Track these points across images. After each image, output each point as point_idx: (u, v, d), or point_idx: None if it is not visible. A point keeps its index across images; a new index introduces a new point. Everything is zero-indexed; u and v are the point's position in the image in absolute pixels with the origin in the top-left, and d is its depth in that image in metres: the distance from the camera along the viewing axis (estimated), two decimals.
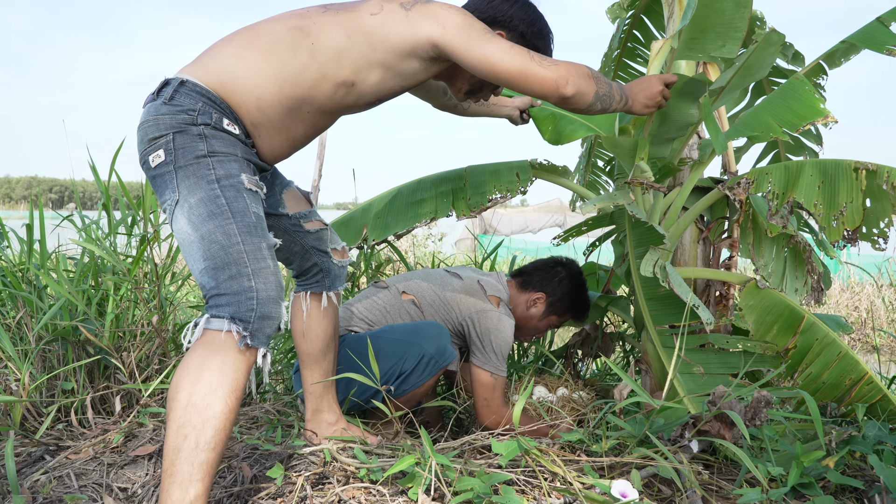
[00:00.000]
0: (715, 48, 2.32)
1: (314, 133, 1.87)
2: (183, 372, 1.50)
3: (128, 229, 2.67)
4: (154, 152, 1.63)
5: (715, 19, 2.26)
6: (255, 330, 1.55)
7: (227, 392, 1.49)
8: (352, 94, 1.79)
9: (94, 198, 6.73)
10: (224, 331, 1.53)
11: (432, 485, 1.55)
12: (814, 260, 2.76)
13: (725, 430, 1.76)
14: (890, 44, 2.50)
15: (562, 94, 1.82)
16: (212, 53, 1.74)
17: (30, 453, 1.97)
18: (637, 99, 2.06)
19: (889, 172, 2.20)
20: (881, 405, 2.30)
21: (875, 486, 1.65)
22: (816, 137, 3.17)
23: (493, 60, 1.75)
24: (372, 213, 2.89)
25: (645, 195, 2.68)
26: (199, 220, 1.58)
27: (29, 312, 2.44)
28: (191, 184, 1.60)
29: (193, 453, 1.44)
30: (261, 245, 1.60)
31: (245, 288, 1.56)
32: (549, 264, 2.80)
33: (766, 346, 2.47)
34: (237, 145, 1.68)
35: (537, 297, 2.71)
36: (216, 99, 1.67)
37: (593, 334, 3.18)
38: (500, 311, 2.51)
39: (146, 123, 1.66)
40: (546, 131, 2.95)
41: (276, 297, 1.59)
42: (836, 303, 7.95)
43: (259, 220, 1.63)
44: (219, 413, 1.47)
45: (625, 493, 1.49)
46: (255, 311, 1.56)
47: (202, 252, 1.57)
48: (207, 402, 1.47)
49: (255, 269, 1.58)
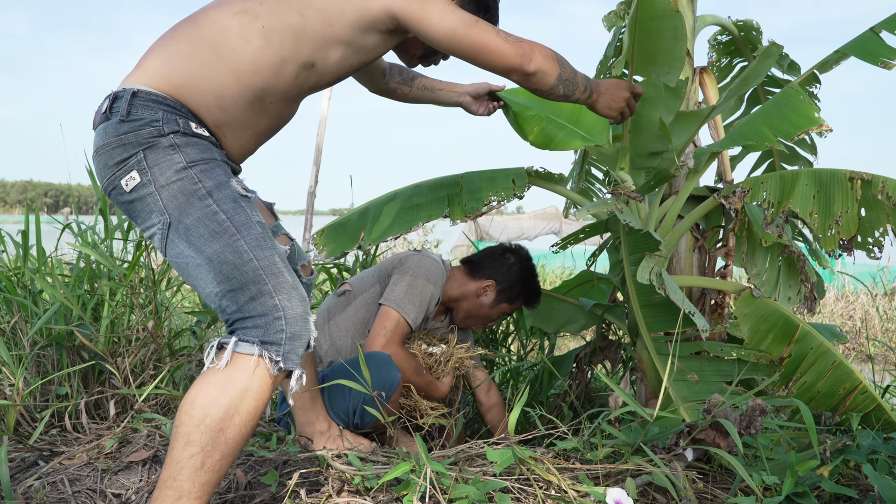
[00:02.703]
0: (662, 73, 2.39)
1: (278, 125, 1.75)
2: (202, 387, 1.42)
3: (124, 234, 2.67)
4: (125, 176, 1.49)
5: (657, 45, 2.34)
6: (287, 352, 1.45)
7: (243, 420, 1.41)
8: (312, 75, 1.68)
9: (90, 202, 6.71)
10: (255, 356, 1.43)
11: (427, 492, 1.55)
12: (807, 269, 2.77)
13: (720, 439, 1.76)
14: (884, 56, 2.51)
15: (524, 70, 1.75)
16: (155, 55, 1.60)
17: (23, 459, 1.96)
18: (602, 97, 2.01)
19: (884, 183, 2.21)
20: (875, 414, 2.30)
21: (869, 495, 1.65)
22: (811, 147, 3.18)
23: (459, 34, 1.68)
24: (369, 217, 2.89)
25: (640, 203, 2.68)
26: (202, 241, 1.46)
27: (24, 317, 2.43)
28: (180, 203, 1.47)
29: (197, 473, 1.38)
30: (274, 258, 1.48)
31: (270, 308, 1.45)
32: (498, 251, 2.80)
33: (760, 354, 2.48)
34: (212, 149, 1.56)
35: (487, 284, 2.70)
36: (175, 104, 1.54)
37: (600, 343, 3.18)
38: (422, 254, 2.52)
39: (107, 146, 1.51)
40: (531, 132, 2.82)
41: (302, 313, 1.48)
42: (830, 312, 7.97)
43: (264, 230, 1.52)
44: (230, 440, 1.40)
45: (619, 500, 1.49)
46: (285, 331, 1.45)
47: (213, 275, 1.46)
48: (222, 427, 1.39)
49: (276, 285, 1.46)
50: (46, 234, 2.64)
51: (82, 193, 10.04)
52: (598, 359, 3.20)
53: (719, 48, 3.37)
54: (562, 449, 1.88)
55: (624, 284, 2.75)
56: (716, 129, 3.01)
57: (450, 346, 2.62)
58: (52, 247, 2.81)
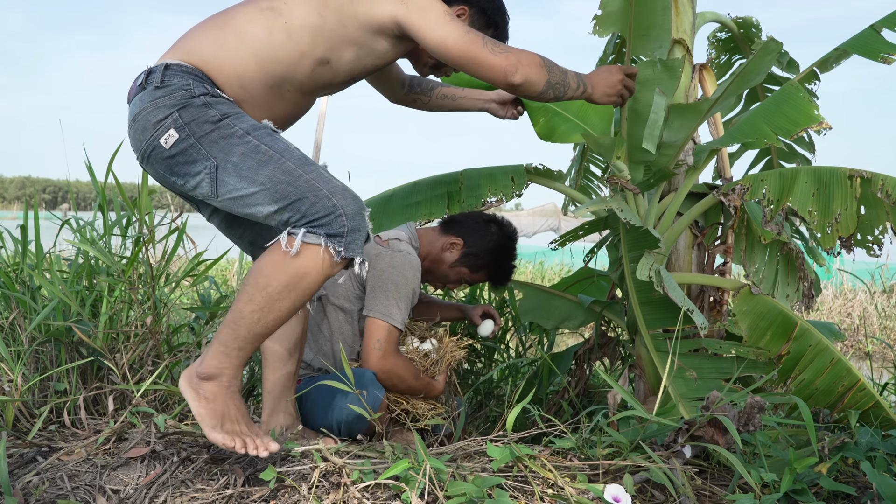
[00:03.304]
0: (654, 48, 2.41)
1: (295, 114, 1.92)
2: (270, 261, 1.63)
3: (122, 230, 2.67)
4: (164, 134, 1.67)
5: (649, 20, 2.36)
6: (349, 242, 1.64)
7: (298, 295, 1.64)
8: (327, 71, 1.84)
9: (88, 199, 6.72)
10: (322, 247, 1.62)
11: (426, 488, 1.55)
12: (806, 267, 2.77)
13: (718, 436, 1.76)
14: (883, 51, 2.51)
15: (510, 82, 1.86)
16: (188, 38, 1.79)
17: (22, 454, 1.96)
18: (597, 87, 2.06)
19: (884, 181, 2.22)
20: (874, 412, 2.31)
21: (867, 492, 1.65)
22: (809, 144, 3.18)
23: (448, 43, 1.79)
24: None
25: (638, 197, 2.68)
26: (252, 171, 1.64)
27: (22, 313, 2.43)
28: (223, 146, 1.65)
29: (252, 326, 1.64)
30: (320, 170, 1.67)
31: (330, 207, 1.62)
32: (485, 218, 2.72)
33: (759, 352, 2.48)
34: (238, 107, 1.74)
35: (455, 241, 2.63)
36: (202, 75, 1.72)
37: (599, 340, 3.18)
38: (391, 250, 2.42)
39: (144, 111, 1.69)
40: (537, 122, 2.97)
41: (358, 209, 1.66)
42: (828, 309, 7.97)
43: (302, 153, 1.70)
44: (284, 308, 1.64)
45: (617, 497, 1.49)
46: (346, 225, 1.63)
47: (270, 197, 1.64)
48: (280, 297, 1.62)
49: (330, 189, 1.64)
50: (45, 230, 2.63)
51: (81, 190, 10.08)
52: (598, 356, 3.20)
53: (719, 45, 3.37)
54: (560, 447, 1.88)
55: (623, 281, 2.75)
56: (715, 127, 3.01)
57: (443, 344, 2.59)
58: (51, 243, 2.80)
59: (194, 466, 1.82)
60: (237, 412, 1.69)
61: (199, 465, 1.82)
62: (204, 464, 1.84)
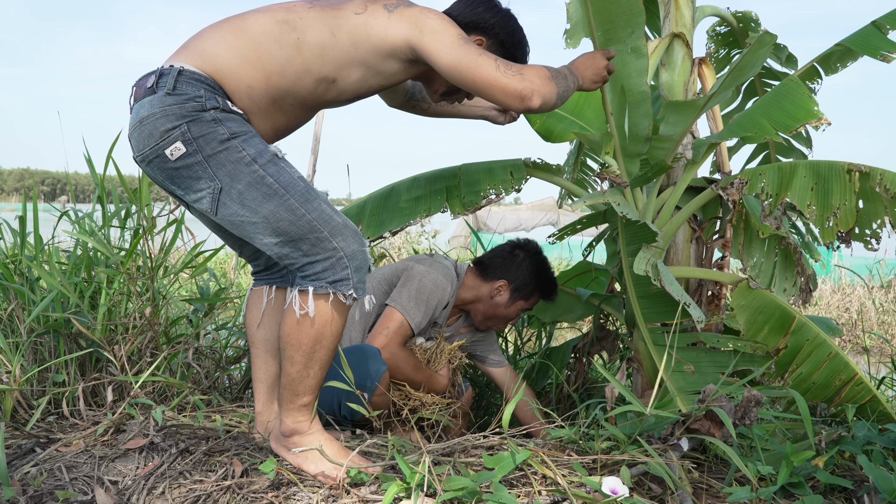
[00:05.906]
0: (626, 35, 2.37)
1: (294, 125, 1.92)
2: (294, 324, 1.72)
3: (121, 222, 2.66)
4: (170, 146, 1.66)
5: (615, 9, 2.32)
6: (357, 283, 1.73)
7: (329, 341, 1.74)
8: (332, 90, 1.84)
9: (87, 190, 6.70)
10: (331, 295, 1.70)
11: (425, 482, 1.55)
12: (804, 261, 2.77)
13: (715, 429, 1.77)
14: (884, 49, 2.50)
15: (528, 107, 1.85)
16: (203, 39, 1.77)
17: (20, 445, 1.96)
18: (585, 76, 2.08)
19: (882, 175, 2.22)
20: (871, 406, 2.31)
21: (864, 486, 1.66)
22: (806, 140, 3.18)
23: (462, 67, 1.79)
24: (367, 211, 2.89)
25: (636, 191, 2.68)
26: (256, 203, 1.67)
27: (21, 304, 2.43)
28: (229, 170, 1.66)
29: (302, 381, 1.76)
30: (322, 207, 1.71)
31: (331, 250, 1.69)
32: (507, 249, 2.80)
33: (756, 345, 2.48)
34: (247, 123, 1.74)
35: (500, 284, 2.71)
36: (214, 85, 1.71)
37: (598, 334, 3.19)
38: (433, 261, 2.54)
39: (152, 116, 1.66)
40: (535, 123, 2.97)
41: (359, 248, 1.73)
42: (826, 304, 7.99)
43: (305, 183, 1.73)
44: (322, 357, 1.75)
45: (615, 490, 1.50)
46: (349, 267, 1.71)
47: (271, 230, 1.68)
48: (314, 349, 1.73)
49: (330, 230, 1.69)
50: (44, 221, 2.63)
51: (79, 181, 10.06)
52: (596, 349, 3.21)
53: (718, 39, 3.36)
54: (557, 439, 1.88)
55: (621, 275, 2.75)
56: (714, 121, 3.00)
57: (439, 340, 2.64)
58: (50, 234, 2.80)
59: (193, 458, 1.82)
60: (329, 443, 1.81)
61: (197, 457, 1.82)
62: (202, 455, 1.84)
